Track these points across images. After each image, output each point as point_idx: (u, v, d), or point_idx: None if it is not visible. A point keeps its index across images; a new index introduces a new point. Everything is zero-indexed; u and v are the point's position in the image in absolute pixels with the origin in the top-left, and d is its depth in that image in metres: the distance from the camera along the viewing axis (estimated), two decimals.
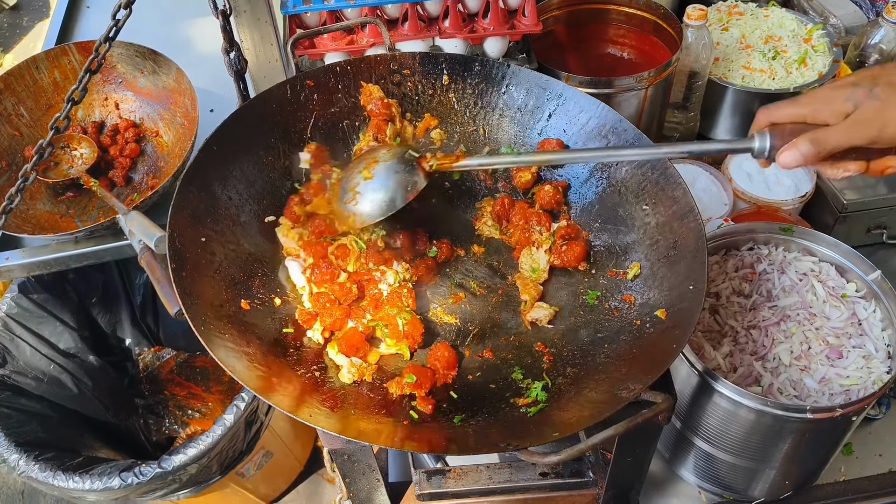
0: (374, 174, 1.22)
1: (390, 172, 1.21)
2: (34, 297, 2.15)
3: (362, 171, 1.23)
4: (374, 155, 1.25)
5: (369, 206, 1.21)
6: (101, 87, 2.07)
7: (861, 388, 1.38)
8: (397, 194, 1.20)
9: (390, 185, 1.21)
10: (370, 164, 1.23)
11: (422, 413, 1.08)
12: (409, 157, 1.23)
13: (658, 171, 1.26)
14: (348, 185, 1.24)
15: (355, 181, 1.23)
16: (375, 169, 1.22)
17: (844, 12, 2.26)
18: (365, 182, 1.21)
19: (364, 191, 1.21)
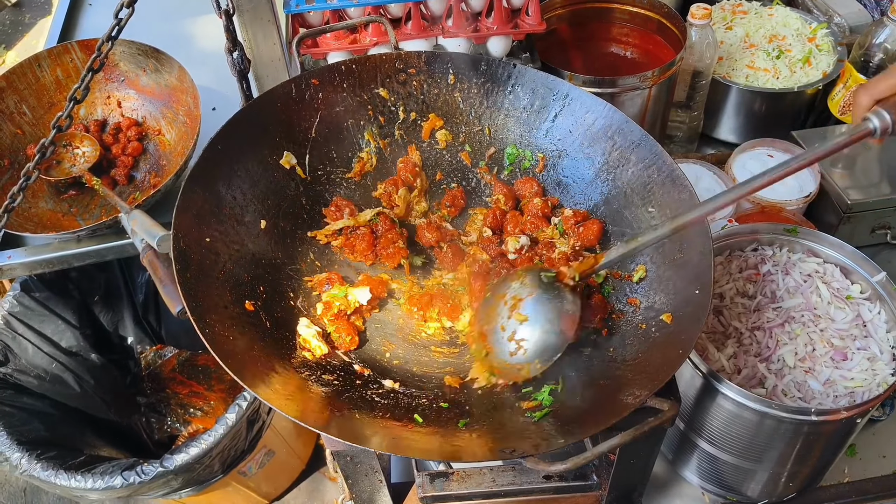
0: (527, 315, 1.13)
1: (542, 305, 1.13)
2: (36, 296, 2.15)
3: (513, 317, 1.14)
4: (513, 294, 1.15)
5: (540, 350, 1.12)
6: (103, 86, 2.07)
7: (866, 390, 1.37)
8: (560, 324, 1.12)
9: (549, 317, 1.12)
10: (514, 306, 1.14)
11: (426, 417, 1.07)
12: (547, 280, 1.14)
13: (664, 174, 1.25)
14: (503, 336, 1.14)
15: (510, 329, 1.14)
16: (524, 309, 1.14)
17: (849, 11, 2.25)
18: (522, 325, 1.13)
19: (527, 336, 1.13)
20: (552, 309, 1.13)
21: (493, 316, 1.17)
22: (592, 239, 1.29)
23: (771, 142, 1.91)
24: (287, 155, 1.30)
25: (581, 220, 1.32)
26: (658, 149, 1.27)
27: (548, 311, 1.13)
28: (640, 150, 1.28)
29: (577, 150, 1.36)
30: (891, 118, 0.97)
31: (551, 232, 1.34)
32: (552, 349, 1.12)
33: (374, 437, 1.01)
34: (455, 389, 1.16)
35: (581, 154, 1.35)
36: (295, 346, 1.16)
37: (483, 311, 1.20)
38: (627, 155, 1.30)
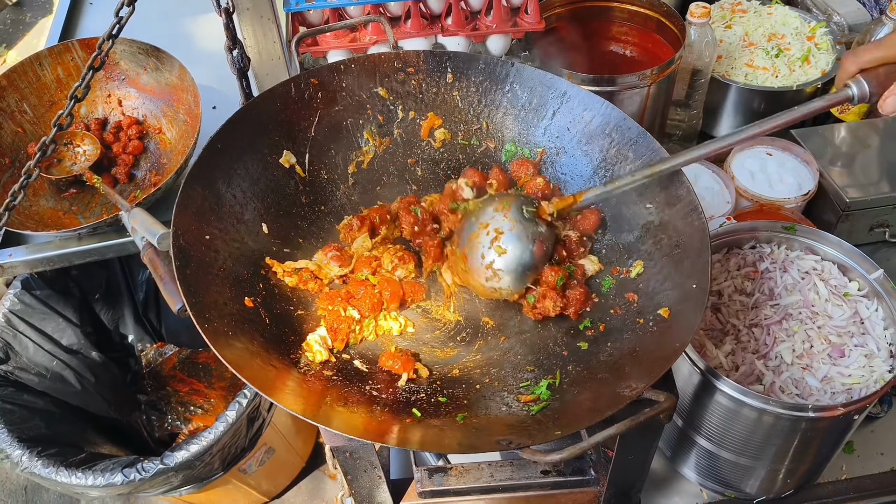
0: (505, 248, 1.24)
1: (520, 239, 1.24)
2: (37, 294, 2.15)
3: (492, 248, 1.25)
4: (496, 225, 1.26)
5: (514, 280, 1.24)
6: (104, 84, 2.08)
7: (863, 386, 1.38)
8: (533, 257, 1.24)
9: (523, 252, 1.24)
10: (495, 238, 1.25)
11: (425, 411, 1.08)
12: (527, 214, 1.25)
13: None
14: (483, 263, 1.25)
15: (489, 258, 1.24)
16: (503, 242, 1.24)
17: (847, 10, 2.25)
18: (500, 258, 1.24)
19: (502, 266, 1.24)
20: (528, 244, 1.24)
21: (475, 243, 1.27)
22: (589, 228, 1.31)
23: (770, 140, 1.92)
24: (286, 154, 1.31)
25: (580, 209, 1.33)
26: (655, 145, 1.27)
27: (523, 246, 1.24)
28: (638, 146, 1.29)
29: (574, 147, 1.36)
30: (869, 88, 1.02)
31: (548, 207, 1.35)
32: (522, 281, 1.25)
33: (373, 430, 1.01)
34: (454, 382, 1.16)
35: (579, 151, 1.36)
36: (294, 342, 1.16)
37: (466, 233, 1.29)
38: (625, 152, 1.30)
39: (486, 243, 1.25)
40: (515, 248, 1.24)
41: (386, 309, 1.27)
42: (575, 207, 1.27)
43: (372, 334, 1.24)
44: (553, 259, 1.30)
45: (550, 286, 1.25)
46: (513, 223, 1.25)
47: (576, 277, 1.28)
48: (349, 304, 1.23)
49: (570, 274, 1.27)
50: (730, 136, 1.23)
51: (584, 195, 1.25)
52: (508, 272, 1.24)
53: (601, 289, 1.27)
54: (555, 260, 1.30)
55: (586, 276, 1.30)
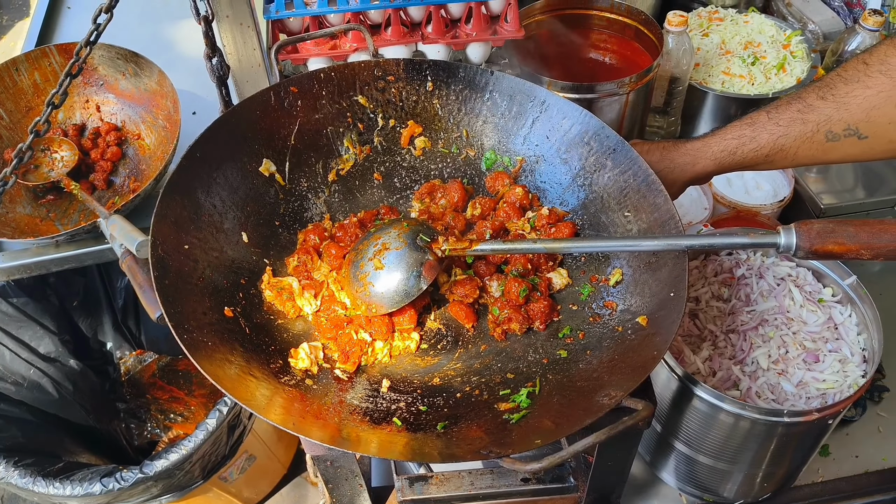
0: (384, 264, 1.21)
1: (402, 261, 1.21)
2: (14, 301, 2.13)
3: (373, 260, 1.22)
4: (384, 240, 1.24)
5: (382, 298, 1.22)
6: (81, 90, 2.06)
7: (837, 391, 1.40)
8: (410, 285, 1.21)
9: (402, 274, 1.21)
10: (380, 251, 1.23)
11: (405, 420, 1.08)
12: (420, 242, 1.23)
13: (640, 179, 1.27)
14: (359, 273, 1.23)
15: (366, 269, 1.23)
16: (386, 258, 1.22)
17: (822, 18, 2.29)
18: (376, 272, 1.22)
19: (376, 281, 1.21)
20: (408, 268, 1.21)
21: (362, 249, 1.26)
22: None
23: None
24: (266, 162, 1.30)
25: (555, 222, 1.33)
26: (633, 154, 1.28)
27: (403, 269, 1.21)
28: (617, 155, 1.30)
29: (554, 155, 1.37)
30: (797, 241, 1.03)
31: (522, 224, 1.36)
32: (391, 301, 1.22)
33: (354, 440, 1.02)
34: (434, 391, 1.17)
35: (558, 159, 1.37)
36: (274, 351, 1.16)
37: (359, 242, 1.29)
38: (604, 160, 1.31)
39: (370, 254, 1.24)
40: (394, 268, 1.21)
41: (399, 330, 1.26)
42: (468, 253, 1.23)
43: (386, 357, 1.23)
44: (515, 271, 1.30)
45: (514, 304, 1.25)
46: (402, 244, 1.23)
47: (539, 290, 1.28)
48: (360, 328, 1.23)
49: (533, 286, 1.27)
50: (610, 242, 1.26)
51: (478, 244, 1.23)
52: (379, 288, 1.21)
53: (580, 297, 1.28)
54: (517, 271, 1.30)
55: (553, 289, 1.30)
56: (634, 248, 1.19)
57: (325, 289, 1.27)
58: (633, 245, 1.19)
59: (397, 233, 1.24)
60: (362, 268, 1.23)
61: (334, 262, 1.29)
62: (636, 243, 1.18)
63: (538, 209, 1.37)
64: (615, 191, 1.30)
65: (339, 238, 1.33)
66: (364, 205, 1.40)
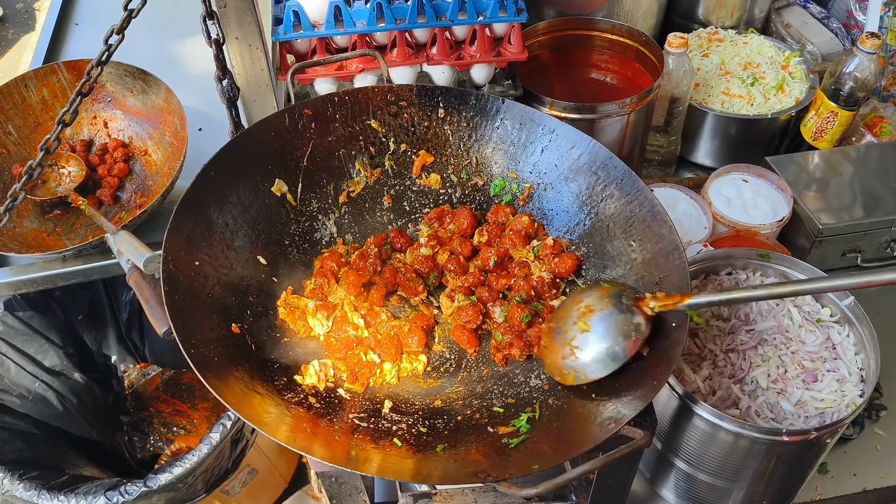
0: (590, 326, 1.16)
1: (609, 322, 1.15)
2: (20, 315, 2.15)
3: (577, 323, 1.17)
4: (588, 302, 1.19)
5: (592, 362, 1.15)
6: (90, 106, 2.08)
7: (835, 410, 1.42)
8: (619, 345, 1.14)
9: (610, 336, 1.14)
10: (585, 314, 1.17)
11: (406, 441, 1.10)
12: (626, 302, 1.16)
13: (646, 208, 1.29)
14: (564, 339, 1.18)
15: (571, 334, 1.17)
16: (592, 320, 1.16)
17: (821, 40, 2.32)
18: (583, 335, 1.16)
19: (583, 345, 1.16)
20: (617, 328, 1.15)
21: (563, 316, 1.21)
22: (565, 272, 1.33)
23: (746, 167, 1.97)
24: (279, 182, 1.33)
25: (558, 252, 1.35)
26: (640, 184, 1.30)
27: (611, 328, 1.15)
28: (624, 185, 1.32)
29: (562, 183, 1.39)
30: None
31: (526, 253, 1.38)
32: (601, 367, 1.15)
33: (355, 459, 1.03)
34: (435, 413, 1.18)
35: (565, 187, 1.39)
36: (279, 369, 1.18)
37: (559, 308, 1.24)
38: (611, 189, 1.33)
39: (573, 318, 1.19)
40: (601, 329, 1.15)
41: (408, 352, 1.27)
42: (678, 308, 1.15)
43: (394, 378, 1.24)
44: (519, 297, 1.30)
45: (516, 329, 1.26)
46: (606, 305, 1.17)
47: (542, 316, 1.29)
48: (370, 349, 1.25)
49: (536, 312, 1.28)
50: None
51: (690, 299, 1.12)
52: (588, 353, 1.15)
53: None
54: (520, 297, 1.31)
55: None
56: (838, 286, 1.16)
57: (339, 310, 1.28)
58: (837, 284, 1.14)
59: (598, 294, 1.20)
60: (566, 333, 1.18)
61: (352, 288, 1.30)
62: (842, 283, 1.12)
63: (543, 238, 1.39)
64: (621, 220, 1.32)
65: (356, 264, 1.35)
66: (373, 227, 1.43)
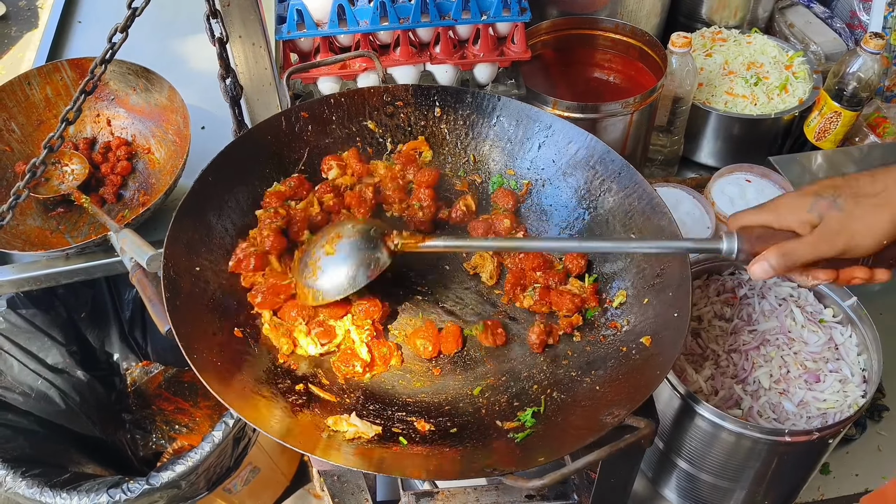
0: (336, 249, 1.20)
1: (353, 249, 1.20)
2: (23, 313, 2.15)
3: (324, 246, 1.22)
4: (339, 230, 1.24)
5: (329, 283, 1.20)
6: (93, 104, 2.08)
7: (837, 411, 1.42)
8: (359, 272, 1.19)
9: (352, 261, 1.20)
10: (333, 238, 1.22)
11: (411, 439, 1.10)
12: (374, 234, 1.22)
13: (645, 201, 1.30)
14: (309, 259, 1.22)
15: (316, 255, 1.22)
16: (338, 244, 1.21)
17: (824, 39, 2.32)
18: (326, 257, 1.21)
19: (325, 266, 1.20)
20: (360, 256, 1.20)
21: (316, 240, 1.26)
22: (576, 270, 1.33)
23: (749, 167, 1.97)
24: (276, 186, 1.33)
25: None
26: (638, 178, 1.31)
27: (354, 255, 1.20)
28: (622, 178, 1.32)
29: (560, 178, 1.40)
30: (738, 245, 1.03)
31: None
32: (338, 287, 1.20)
33: (360, 458, 1.03)
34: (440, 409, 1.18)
35: (564, 182, 1.39)
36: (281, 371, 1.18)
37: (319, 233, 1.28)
38: (609, 183, 1.34)
39: (323, 241, 1.24)
40: (344, 254, 1.20)
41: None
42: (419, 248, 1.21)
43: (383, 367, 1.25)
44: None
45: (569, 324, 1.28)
46: (355, 234, 1.22)
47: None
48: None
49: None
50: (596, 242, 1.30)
51: (431, 240, 1.20)
52: (329, 275, 1.20)
53: (585, 317, 1.30)
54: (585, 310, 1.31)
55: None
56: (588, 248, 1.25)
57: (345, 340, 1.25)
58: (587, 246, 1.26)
59: (352, 225, 1.24)
60: (313, 255, 1.23)
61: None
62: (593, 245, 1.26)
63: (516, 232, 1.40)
64: (620, 213, 1.32)
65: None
66: None
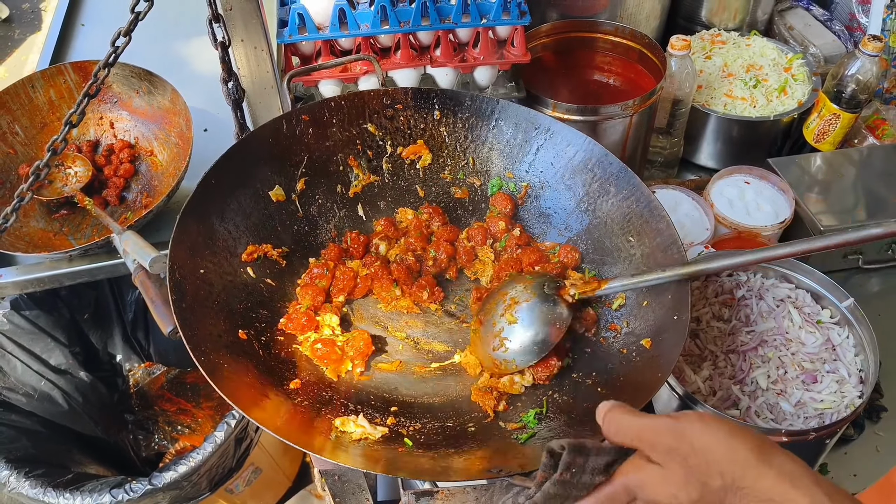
0: (517, 317, 1.22)
1: (534, 312, 1.21)
2: (26, 314, 2.17)
3: (505, 315, 1.22)
4: (512, 294, 1.24)
5: (521, 351, 1.21)
6: (96, 107, 2.10)
7: (834, 411, 1.43)
8: (546, 333, 1.20)
9: (537, 325, 1.20)
10: (510, 306, 1.23)
11: (415, 440, 1.11)
12: (549, 292, 1.23)
13: (643, 204, 1.31)
14: (493, 331, 1.23)
15: (499, 326, 1.23)
16: (517, 311, 1.22)
17: (823, 42, 2.32)
18: (510, 326, 1.22)
19: (511, 336, 1.21)
20: (542, 319, 1.20)
21: (491, 309, 1.26)
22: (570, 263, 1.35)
23: (748, 169, 1.97)
24: (278, 188, 1.34)
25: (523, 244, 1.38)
26: (636, 181, 1.32)
27: (537, 320, 1.21)
28: (620, 181, 1.34)
29: (558, 181, 1.41)
30: None
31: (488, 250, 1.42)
32: (530, 355, 1.21)
33: (367, 459, 1.05)
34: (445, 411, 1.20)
35: (562, 185, 1.41)
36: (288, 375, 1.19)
37: (485, 302, 1.29)
38: (607, 186, 1.35)
39: (500, 311, 1.24)
40: (527, 319, 1.21)
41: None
42: (596, 294, 1.23)
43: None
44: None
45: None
46: (531, 295, 1.23)
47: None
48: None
49: None
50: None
51: (607, 283, 1.22)
52: (516, 343, 1.21)
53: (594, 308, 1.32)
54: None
55: None
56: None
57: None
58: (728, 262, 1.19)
59: (521, 286, 1.25)
60: (494, 325, 1.23)
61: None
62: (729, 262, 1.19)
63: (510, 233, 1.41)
64: (618, 216, 1.33)
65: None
66: (372, 228, 1.44)
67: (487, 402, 1.19)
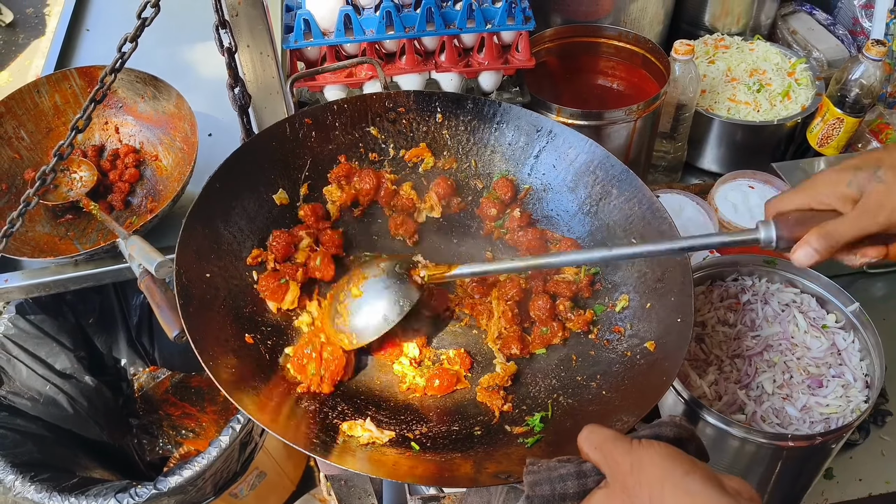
0: (363, 291, 1.22)
1: (380, 288, 1.21)
2: (31, 319, 2.17)
3: (350, 289, 1.23)
4: (364, 270, 1.25)
5: (361, 325, 1.21)
6: (101, 112, 2.10)
7: (840, 416, 1.42)
8: (389, 310, 1.19)
9: (381, 301, 1.20)
10: (358, 280, 1.23)
11: (423, 445, 1.11)
12: (399, 270, 1.22)
13: (645, 206, 1.31)
14: (339, 304, 1.23)
15: (344, 299, 1.22)
16: (364, 285, 1.22)
17: (827, 46, 2.33)
18: (354, 300, 1.21)
19: (354, 309, 1.21)
20: (387, 294, 1.20)
21: (342, 284, 1.26)
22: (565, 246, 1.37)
23: (752, 173, 1.98)
24: (281, 192, 1.35)
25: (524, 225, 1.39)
26: (638, 183, 1.32)
27: (381, 294, 1.20)
28: (622, 183, 1.34)
29: (560, 184, 1.41)
30: (777, 232, 0.99)
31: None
32: (370, 329, 1.20)
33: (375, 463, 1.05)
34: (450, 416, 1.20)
35: (565, 188, 1.41)
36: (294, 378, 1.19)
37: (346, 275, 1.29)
38: (609, 189, 1.35)
39: (349, 285, 1.24)
40: (372, 294, 1.21)
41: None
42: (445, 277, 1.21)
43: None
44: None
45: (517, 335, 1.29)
46: (380, 272, 1.23)
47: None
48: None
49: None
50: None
51: (456, 268, 1.20)
52: (359, 317, 1.21)
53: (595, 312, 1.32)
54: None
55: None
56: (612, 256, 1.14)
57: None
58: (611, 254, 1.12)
59: (377, 264, 1.25)
60: (341, 298, 1.23)
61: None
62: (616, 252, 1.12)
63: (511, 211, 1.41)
64: (621, 218, 1.34)
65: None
66: (375, 231, 1.44)
67: (495, 402, 1.19)
